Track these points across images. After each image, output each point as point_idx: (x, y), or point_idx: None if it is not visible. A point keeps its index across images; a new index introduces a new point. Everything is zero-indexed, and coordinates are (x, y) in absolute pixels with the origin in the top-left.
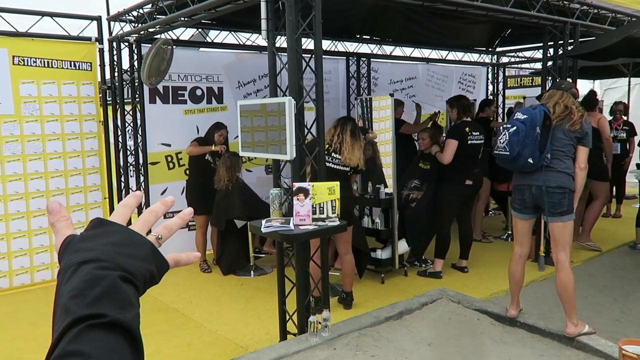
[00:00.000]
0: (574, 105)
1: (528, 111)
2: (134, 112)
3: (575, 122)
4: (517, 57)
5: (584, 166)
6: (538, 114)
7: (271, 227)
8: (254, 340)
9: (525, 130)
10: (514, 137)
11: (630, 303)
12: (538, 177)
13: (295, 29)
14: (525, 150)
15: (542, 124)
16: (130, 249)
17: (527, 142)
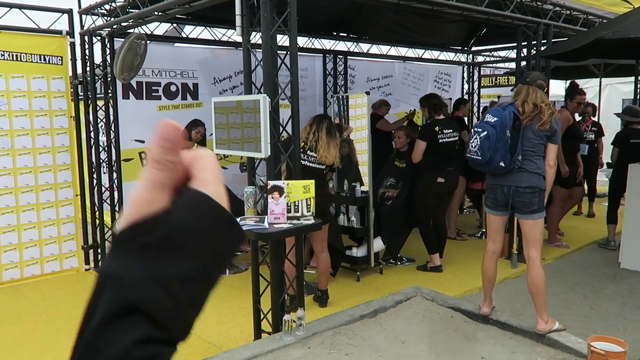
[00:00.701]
0: (543, 102)
1: (498, 113)
2: (107, 107)
3: (544, 122)
4: (492, 57)
5: (553, 164)
6: (508, 116)
7: (245, 226)
8: (228, 339)
9: (496, 134)
10: (485, 142)
11: (600, 300)
12: (509, 178)
13: (270, 25)
14: (497, 154)
15: (512, 126)
16: None
17: (498, 147)
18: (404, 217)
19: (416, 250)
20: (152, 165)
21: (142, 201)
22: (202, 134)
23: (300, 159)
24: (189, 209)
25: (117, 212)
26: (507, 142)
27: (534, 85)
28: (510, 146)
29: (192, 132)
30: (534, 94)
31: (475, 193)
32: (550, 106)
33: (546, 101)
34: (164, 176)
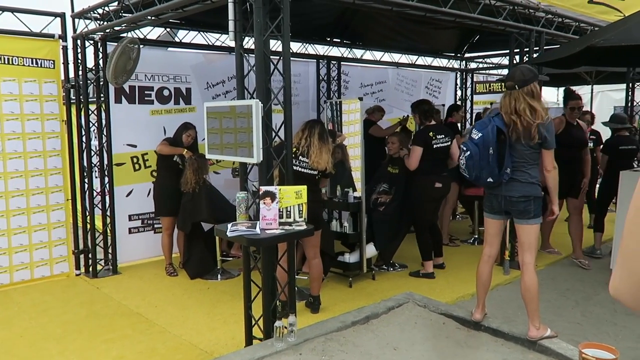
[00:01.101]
0: (526, 112)
1: (483, 128)
2: (99, 111)
3: (533, 137)
4: (485, 63)
5: (551, 168)
6: (490, 133)
7: (237, 231)
8: (219, 345)
9: (479, 153)
10: (469, 162)
11: (591, 306)
12: (502, 188)
13: (263, 30)
14: (482, 172)
15: (495, 142)
16: None
17: (482, 165)
18: (397, 223)
19: (408, 256)
20: None
21: None
22: (193, 137)
23: (292, 165)
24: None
25: (108, 217)
26: (491, 158)
27: (521, 92)
28: (497, 161)
29: (183, 136)
30: (519, 103)
31: (468, 199)
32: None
33: (531, 106)
34: None
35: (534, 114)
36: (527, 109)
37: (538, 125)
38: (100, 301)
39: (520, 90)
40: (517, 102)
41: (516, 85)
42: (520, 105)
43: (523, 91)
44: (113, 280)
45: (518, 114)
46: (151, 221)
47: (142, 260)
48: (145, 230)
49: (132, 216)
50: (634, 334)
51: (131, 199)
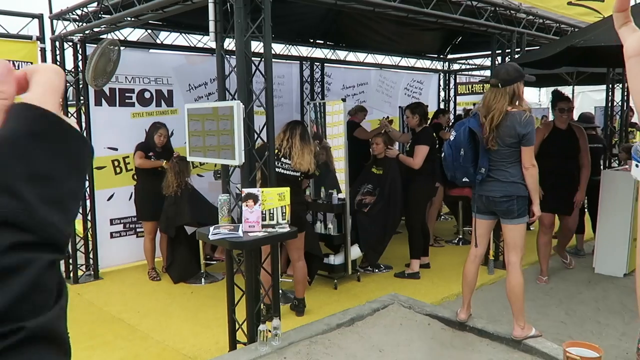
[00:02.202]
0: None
1: (458, 128)
2: (79, 114)
3: (506, 136)
4: (467, 64)
5: (529, 165)
6: (462, 134)
7: (219, 234)
8: (203, 350)
9: (452, 154)
10: (444, 163)
11: (575, 305)
12: (484, 188)
13: (244, 31)
14: (457, 172)
15: (467, 142)
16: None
17: (455, 165)
18: (382, 224)
19: (393, 257)
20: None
21: None
22: (165, 135)
23: (275, 167)
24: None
25: (89, 221)
26: (462, 159)
27: (491, 86)
28: (472, 161)
29: (155, 137)
30: (496, 103)
31: (452, 199)
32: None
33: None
34: None
35: (505, 116)
36: (499, 110)
37: (513, 124)
38: (81, 307)
39: (502, 89)
40: (495, 101)
41: (499, 83)
42: (497, 104)
43: (505, 90)
44: (94, 285)
45: (489, 113)
46: (133, 225)
47: (124, 265)
48: (127, 235)
49: (114, 220)
50: (617, 332)
51: (112, 202)
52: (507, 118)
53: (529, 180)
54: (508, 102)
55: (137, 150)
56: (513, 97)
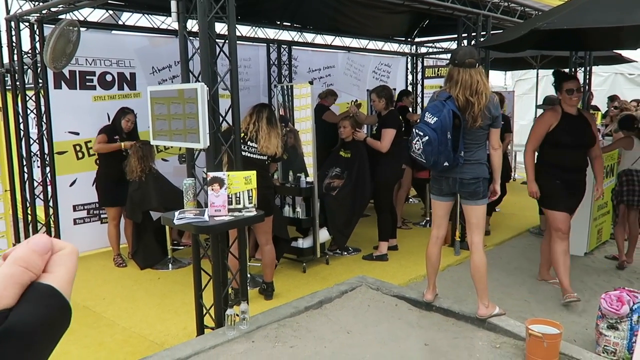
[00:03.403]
0: (483, 93)
1: (437, 111)
2: (37, 97)
3: (485, 117)
4: (435, 48)
5: (498, 146)
6: (447, 117)
7: (184, 219)
8: (170, 336)
9: (438, 138)
10: (428, 147)
11: (538, 284)
12: (453, 170)
13: (207, 11)
14: (440, 157)
15: (452, 126)
16: None
17: (440, 150)
18: (350, 207)
19: (361, 240)
20: (19, 264)
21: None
22: (132, 122)
23: (241, 150)
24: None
25: (50, 208)
26: (449, 143)
27: (464, 67)
28: (452, 144)
29: (122, 121)
30: (480, 82)
31: (419, 182)
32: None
33: (482, 86)
34: (27, 277)
35: (486, 95)
36: (484, 90)
37: (488, 106)
38: None
39: (479, 69)
40: (479, 83)
41: (477, 62)
42: (480, 85)
43: (481, 70)
44: None
45: (478, 94)
46: (97, 211)
47: (89, 252)
48: (92, 221)
49: (77, 206)
50: (577, 309)
51: (75, 188)
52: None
53: (495, 160)
54: (486, 81)
55: (101, 133)
56: (487, 77)
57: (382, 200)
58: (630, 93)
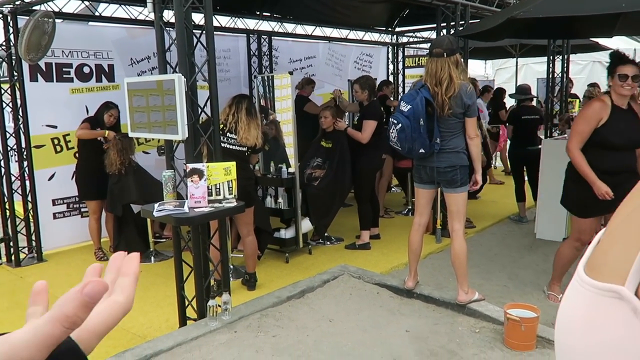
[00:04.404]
0: (446, 83)
1: (411, 99)
2: (13, 91)
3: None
4: (415, 37)
5: (474, 135)
6: (420, 104)
7: (164, 211)
8: (153, 328)
9: (410, 125)
10: (401, 134)
11: (517, 269)
12: (430, 159)
13: (184, 1)
14: (415, 144)
15: (425, 113)
16: None
17: (414, 137)
18: (331, 196)
19: (344, 230)
20: (63, 323)
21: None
22: (115, 117)
23: (220, 142)
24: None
25: (29, 202)
26: (422, 130)
27: (432, 56)
28: (427, 132)
29: (105, 116)
30: (441, 72)
31: (400, 171)
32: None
33: (453, 77)
34: (65, 334)
35: (451, 85)
36: (448, 79)
37: (460, 95)
38: (23, 291)
39: (447, 59)
40: (442, 71)
41: (445, 52)
42: (444, 74)
43: (450, 60)
44: (38, 268)
45: (441, 84)
46: (77, 205)
47: (69, 246)
48: (72, 215)
49: (56, 200)
50: None
51: (54, 182)
52: (452, 90)
53: (473, 150)
54: (452, 70)
55: (84, 122)
56: (457, 66)
57: (362, 189)
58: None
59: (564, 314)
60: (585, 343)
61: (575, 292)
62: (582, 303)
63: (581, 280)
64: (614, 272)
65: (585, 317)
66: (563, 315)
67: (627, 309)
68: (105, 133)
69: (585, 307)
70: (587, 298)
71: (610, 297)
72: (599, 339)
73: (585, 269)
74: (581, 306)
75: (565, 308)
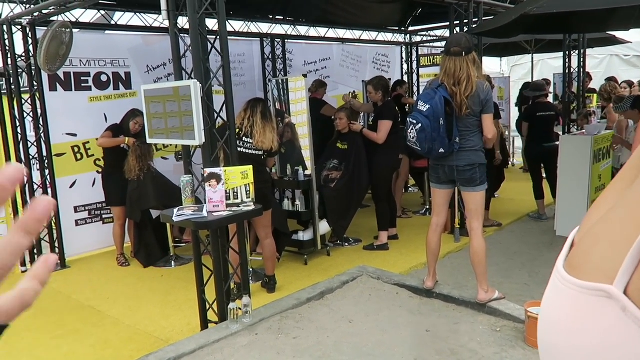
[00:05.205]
0: (465, 81)
1: (429, 99)
2: (33, 100)
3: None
4: (429, 36)
5: (491, 135)
6: (439, 104)
7: (183, 216)
8: (175, 332)
9: (430, 125)
10: (421, 135)
11: (537, 267)
12: (449, 158)
13: (197, 8)
14: (435, 144)
15: (444, 113)
16: None
17: (434, 137)
18: (348, 198)
19: (362, 231)
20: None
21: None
22: (140, 124)
23: (237, 146)
24: None
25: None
26: (442, 129)
27: (450, 55)
28: (447, 131)
29: (131, 123)
30: (460, 71)
31: (417, 171)
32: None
33: (471, 76)
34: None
35: (469, 85)
36: (467, 79)
37: (477, 93)
38: (48, 297)
39: (465, 57)
40: (461, 71)
41: (463, 51)
42: (463, 74)
43: (468, 58)
44: (61, 274)
45: (460, 84)
46: (98, 212)
47: (91, 252)
48: (93, 222)
49: (78, 208)
50: None
51: (75, 190)
52: (470, 89)
53: (490, 145)
54: (470, 69)
55: (107, 130)
56: (474, 64)
57: (379, 190)
58: (625, 74)
59: (546, 314)
60: (572, 343)
61: (558, 291)
62: (567, 303)
63: (563, 279)
64: (599, 271)
65: (571, 316)
66: (546, 314)
67: (616, 308)
68: (125, 140)
69: (571, 307)
70: (572, 297)
71: (597, 296)
72: (588, 338)
73: (566, 268)
74: (566, 305)
75: (547, 307)
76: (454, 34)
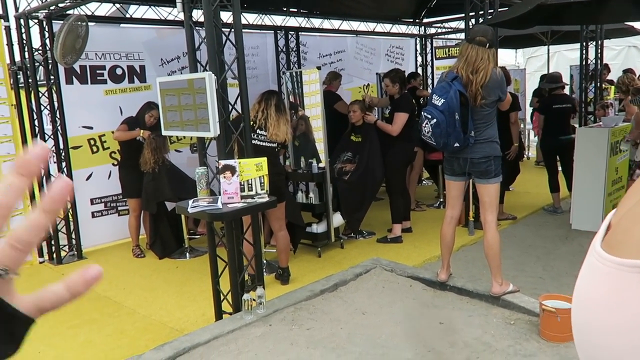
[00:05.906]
0: (482, 73)
1: (444, 92)
2: (50, 94)
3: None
4: (443, 28)
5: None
6: (454, 98)
7: (198, 207)
8: (190, 322)
9: (446, 120)
10: (436, 130)
11: (552, 260)
12: (464, 151)
13: (212, 0)
14: (450, 138)
15: (459, 107)
16: None
17: (449, 131)
18: (362, 190)
19: (376, 223)
20: None
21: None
22: (155, 117)
23: (251, 138)
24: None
25: (68, 202)
26: (457, 124)
27: (473, 43)
28: (462, 125)
29: (146, 116)
30: (479, 61)
31: (431, 164)
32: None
33: (484, 64)
34: None
35: (485, 74)
36: (485, 69)
37: (489, 85)
38: None
39: (488, 50)
40: (482, 61)
41: (487, 43)
42: (482, 64)
43: (490, 52)
44: (78, 265)
45: (477, 72)
46: (114, 204)
47: (107, 243)
48: (109, 214)
49: (94, 200)
50: None
51: (91, 182)
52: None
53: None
54: (490, 63)
55: (123, 123)
56: (493, 58)
57: (393, 182)
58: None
59: (582, 292)
60: (609, 320)
61: (594, 269)
62: (604, 279)
63: (601, 257)
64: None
65: (608, 293)
66: (581, 293)
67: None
68: (140, 132)
69: (608, 284)
70: (610, 275)
71: (636, 273)
72: (624, 314)
73: (604, 247)
74: (603, 283)
75: (583, 286)
76: (480, 25)
